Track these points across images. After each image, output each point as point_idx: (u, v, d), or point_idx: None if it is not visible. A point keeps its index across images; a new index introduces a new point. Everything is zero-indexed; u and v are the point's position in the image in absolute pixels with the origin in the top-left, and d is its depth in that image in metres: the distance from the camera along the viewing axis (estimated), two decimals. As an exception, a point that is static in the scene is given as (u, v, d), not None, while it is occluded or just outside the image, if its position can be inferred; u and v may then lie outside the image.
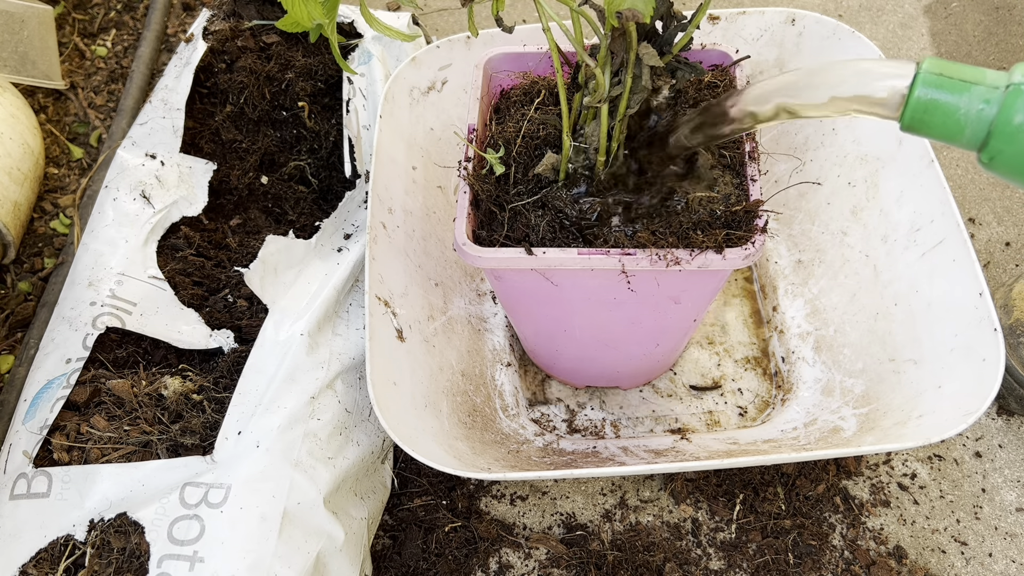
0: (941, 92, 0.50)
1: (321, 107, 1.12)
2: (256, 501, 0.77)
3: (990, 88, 0.49)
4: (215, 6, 1.17)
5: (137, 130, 1.09)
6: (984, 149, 0.49)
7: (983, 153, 0.50)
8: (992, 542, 0.92)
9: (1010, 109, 0.47)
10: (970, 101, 0.49)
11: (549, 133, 0.78)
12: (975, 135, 0.49)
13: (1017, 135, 0.47)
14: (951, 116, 0.50)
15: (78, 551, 0.77)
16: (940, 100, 0.50)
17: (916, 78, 0.50)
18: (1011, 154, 0.48)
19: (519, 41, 0.96)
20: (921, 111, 0.51)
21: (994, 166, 0.50)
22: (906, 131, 0.52)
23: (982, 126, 0.49)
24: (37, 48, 1.28)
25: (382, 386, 0.82)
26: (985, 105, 0.48)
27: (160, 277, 0.96)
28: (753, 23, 1.04)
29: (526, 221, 0.75)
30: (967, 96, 0.49)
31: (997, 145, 0.48)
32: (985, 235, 1.14)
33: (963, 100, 0.49)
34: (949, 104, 0.50)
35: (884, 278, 0.95)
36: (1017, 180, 0.50)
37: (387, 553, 0.93)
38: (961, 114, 0.49)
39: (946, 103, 0.50)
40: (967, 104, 0.49)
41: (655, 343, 0.93)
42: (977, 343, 0.79)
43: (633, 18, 0.60)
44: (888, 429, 0.83)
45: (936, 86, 0.50)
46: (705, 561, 0.92)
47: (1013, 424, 0.99)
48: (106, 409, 0.85)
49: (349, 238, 1.01)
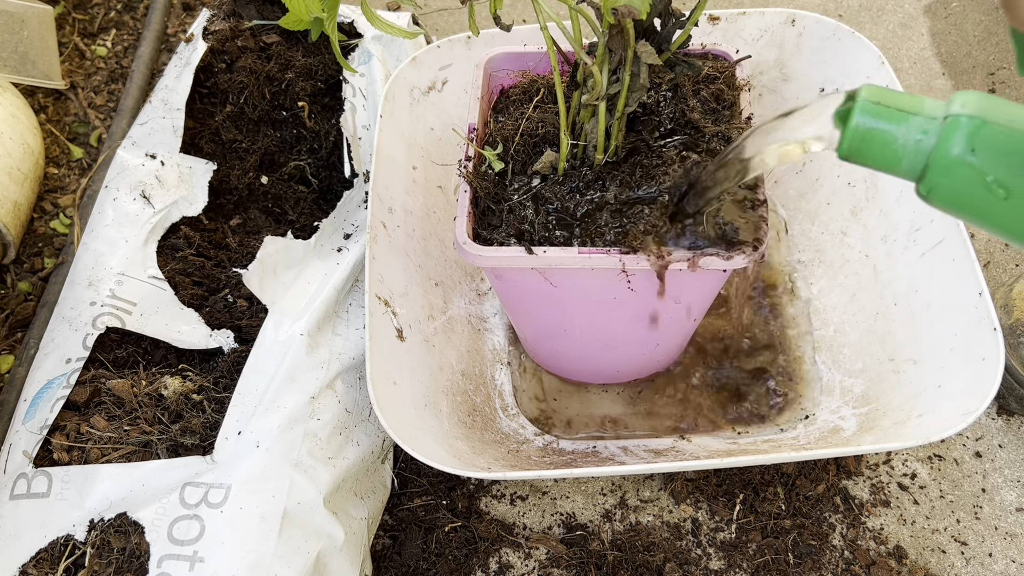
0: (879, 121, 0.48)
1: (321, 107, 1.12)
2: (256, 501, 0.77)
3: (928, 119, 0.47)
4: (215, 6, 1.17)
5: (137, 130, 1.09)
6: (922, 181, 0.47)
7: (921, 185, 0.48)
8: (992, 542, 0.92)
9: (947, 141, 0.45)
10: (908, 131, 0.47)
11: (548, 131, 0.79)
12: (912, 166, 0.47)
13: (953, 168, 0.45)
14: (889, 146, 0.48)
15: (78, 551, 0.77)
16: (878, 129, 0.48)
17: (854, 107, 0.49)
18: (948, 187, 0.46)
19: (519, 41, 0.96)
20: (859, 140, 0.49)
21: (931, 199, 0.48)
22: (844, 160, 0.51)
23: (920, 157, 0.47)
24: (37, 48, 1.28)
25: (382, 386, 0.83)
26: (923, 136, 0.47)
27: (160, 277, 0.96)
28: (753, 23, 1.04)
29: (524, 219, 0.75)
30: (905, 126, 0.47)
31: (934, 178, 0.46)
32: (985, 235, 1.14)
33: (901, 130, 0.47)
34: (887, 134, 0.48)
35: (884, 278, 0.95)
36: (954, 213, 0.48)
37: (387, 553, 0.93)
38: (899, 144, 0.47)
39: (884, 132, 0.48)
40: (905, 134, 0.47)
41: (655, 343, 0.93)
42: (977, 343, 0.79)
43: (629, 15, 0.60)
44: (888, 429, 0.83)
45: (874, 115, 0.48)
46: (705, 561, 0.92)
47: (1013, 424, 0.99)
48: (106, 409, 0.85)
49: (349, 238, 1.01)
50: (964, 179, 0.45)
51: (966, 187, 0.46)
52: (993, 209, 0.45)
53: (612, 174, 0.76)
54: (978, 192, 0.45)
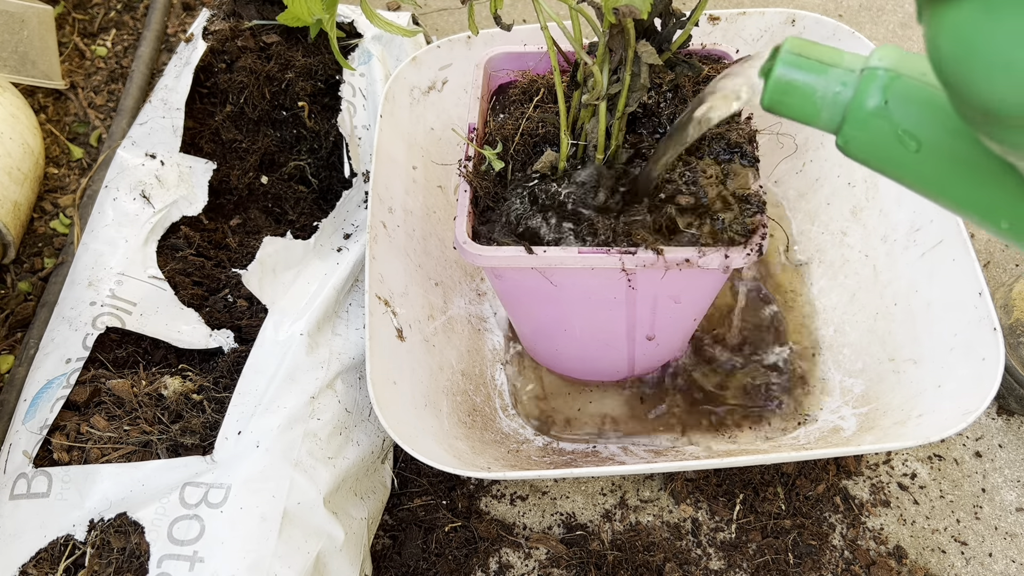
0: (799, 72, 0.49)
1: (321, 107, 1.12)
2: (256, 501, 0.77)
3: (847, 71, 0.47)
4: (215, 6, 1.17)
5: (137, 130, 1.09)
6: (839, 133, 0.48)
7: (838, 137, 0.48)
8: (992, 542, 0.92)
9: (863, 94, 0.46)
10: (827, 83, 0.48)
11: (548, 131, 0.79)
12: (831, 118, 0.48)
13: (869, 121, 0.46)
14: (807, 98, 0.49)
15: (78, 551, 0.77)
16: (797, 81, 0.49)
17: (776, 58, 0.50)
18: (863, 140, 0.47)
19: (519, 41, 0.96)
20: (780, 92, 0.50)
21: (848, 151, 0.48)
22: (768, 110, 0.52)
23: (837, 110, 0.48)
24: (37, 48, 1.28)
25: (382, 385, 0.83)
26: (841, 88, 0.47)
27: (160, 277, 0.96)
28: (753, 24, 1.04)
29: (524, 219, 0.75)
30: (824, 78, 0.48)
31: (850, 131, 0.47)
32: (985, 235, 1.14)
33: (820, 82, 0.48)
34: (806, 85, 0.48)
35: (884, 278, 0.95)
36: (869, 165, 0.49)
37: (387, 553, 0.93)
38: (818, 96, 0.48)
39: (803, 84, 0.49)
40: (824, 86, 0.48)
41: (656, 343, 0.93)
42: (977, 342, 0.79)
43: (630, 14, 0.60)
44: (888, 428, 0.83)
45: (795, 66, 0.49)
46: (705, 561, 0.92)
47: (1013, 424, 0.99)
48: (106, 409, 0.85)
49: (348, 238, 1.01)
50: (878, 131, 0.46)
51: (880, 139, 0.46)
52: (905, 161, 0.46)
53: (612, 173, 0.76)
54: (891, 144, 0.46)
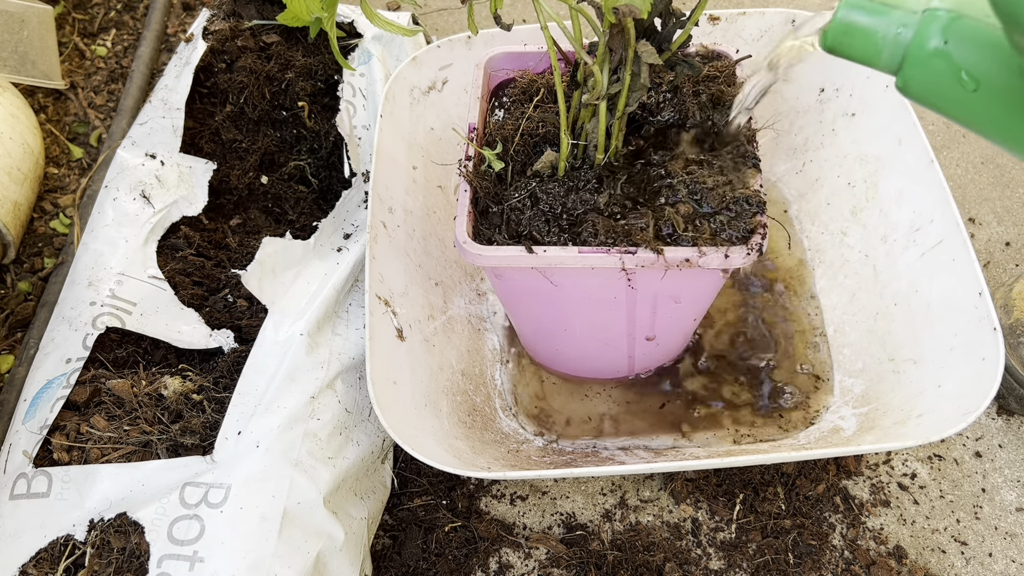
0: (861, 14, 0.50)
1: (321, 107, 1.12)
2: (256, 501, 0.77)
3: (908, 12, 0.48)
4: (215, 6, 1.17)
5: (137, 130, 1.09)
6: (899, 73, 0.49)
7: (898, 77, 0.49)
8: (992, 542, 0.92)
9: (924, 34, 0.47)
10: (888, 24, 0.49)
11: (548, 131, 0.79)
12: (891, 59, 0.49)
13: (929, 61, 0.47)
14: (869, 39, 0.50)
15: (78, 551, 0.77)
16: (859, 22, 0.50)
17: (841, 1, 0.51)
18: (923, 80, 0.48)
19: (519, 40, 0.96)
20: (842, 33, 0.51)
21: (907, 91, 0.49)
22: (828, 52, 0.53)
23: (898, 50, 0.49)
24: (37, 48, 1.28)
25: (382, 385, 0.83)
26: (902, 29, 0.48)
27: (160, 277, 0.96)
28: (753, 24, 1.04)
29: (524, 218, 0.75)
30: (886, 19, 0.49)
31: (910, 70, 0.48)
32: (985, 235, 1.14)
33: (881, 23, 0.49)
34: (868, 26, 0.50)
35: (884, 278, 0.95)
36: (928, 105, 0.49)
37: (387, 553, 0.93)
38: (879, 37, 0.49)
39: (865, 25, 0.50)
40: (885, 27, 0.49)
41: (655, 343, 0.93)
42: (977, 342, 0.79)
43: (630, 14, 0.60)
44: (888, 428, 0.83)
45: (857, 7, 0.50)
46: (705, 561, 0.92)
47: (1013, 424, 0.99)
48: (106, 409, 0.85)
49: (348, 238, 1.01)
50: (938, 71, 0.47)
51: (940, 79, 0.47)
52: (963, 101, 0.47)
53: (612, 174, 0.76)
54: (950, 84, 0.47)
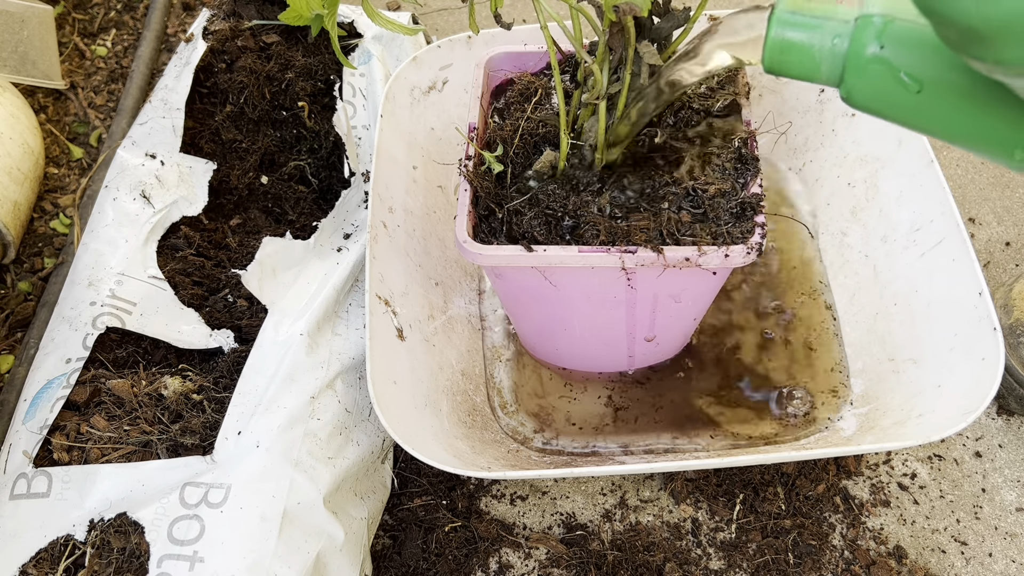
0: (794, 30, 0.49)
1: (321, 107, 1.12)
2: (256, 501, 0.77)
3: (841, 22, 0.48)
4: (215, 6, 1.17)
5: (137, 130, 1.09)
6: (841, 84, 0.48)
7: (841, 88, 0.49)
8: (992, 542, 0.92)
9: (860, 41, 0.46)
10: (823, 37, 0.48)
11: (548, 131, 0.79)
12: (831, 71, 0.48)
13: (868, 68, 0.46)
14: (806, 54, 0.49)
15: (78, 551, 0.77)
16: (793, 39, 0.49)
17: (771, 18, 0.50)
18: (865, 87, 0.47)
19: (520, 40, 0.96)
20: (778, 51, 0.50)
21: (852, 101, 0.48)
22: (769, 72, 0.52)
23: (836, 61, 0.48)
24: (37, 48, 1.28)
25: (382, 385, 0.83)
26: (837, 39, 0.47)
27: (160, 277, 0.96)
28: (753, 23, 1.04)
29: (524, 218, 0.75)
30: (819, 32, 0.48)
31: (852, 80, 0.47)
32: (985, 235, 1.14)
33: (816, 36, 0.48)
34: (803, 42, 0.49)
35: (884, 278, 0.95)
36: (875, 112, 0.49)
37: (387, 553, 0.93)
38: (815, 51, 0.48)
39: (800, 41, 0.49)
40: (820, 40, 0.48)
41: (656, 343, 0.93)
42: (976, 342, 0.79)
43: (631, 12, 0.60)
44: (888, 428, 0.83)
45: (790, 24, 0.49)
46: (705, 561, 0.92)
47: (1013, 424, 0.99)
48: (106, 409, 0.85)
49: (348, 238, 1.01)
50: (879, 76, 0.46)
51: (882, 84, 0.46)
52: (910, 103, 0.46)
53: (612, 173, 0.76)
54: (893, 88, 0.46)
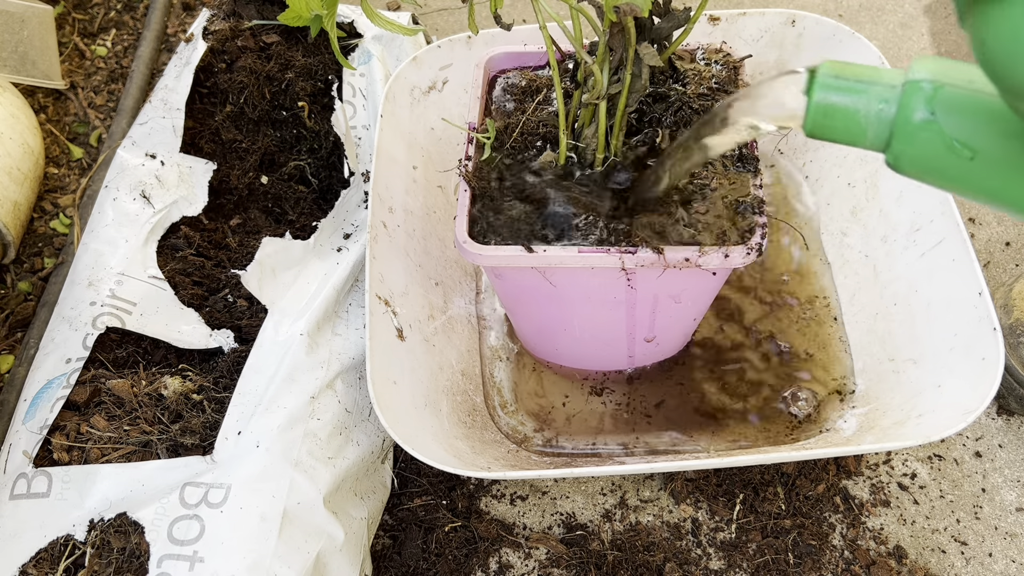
0: (839, 95, 0.48)
1: (321, 107, 1.12)
2: (256, 501, 0.77)
3: (887, 87, 0.47)
4: (215, 6, 1.17)
5: (137, 130, 1.09)
6: (888, 150, 0.48)
7: (888, 154, 0.48)
8: (992, 542, 0.92)
9: (908, 108, 0.46)
10: (868, 102, 0.47)
11: (548, 131, 0.79)
12: (877, 137, 0.48)
13: (917, 134, 0.46)
14: (851, 119, 0.48)
15: (78, 551, 0.77)
16: (839, 104, 0.48)
17: (813, 83, 0.49)
18: (913, 153, 0.47)
19: (519, 40, 0.96)
20: (821, 116, 0.49)
21: (900, 167, 0.48)
22: (811, 136, 0.51)
23: (883, 127, 0.47)
24: (37, 48, 1.28)
25: (382, 385, 0.83)
26: (884, 105, 0.47)
27: (160, 277, 0.96)
28: (753, 24, 1.04)
29: (525, 218, 0.75)
30: (865, 97, 0.47)
31: (899, 146, 0.47)
32: (985, 235, 1.14)
33: (861, 101, 0.48)
34: (847, 107, 0.48)
35: (883, 278, 0.95)
36: (923, 179, 0.48)
37: (387, 553, 0.93)
38: (861, 116, 0.48)
39: (844, 106, 0.48)
40: (865, 105, 0.47)
41: (656, 343, 0.93)
42: (976, 342, 0.79)
43: (631, 12, 0.60)
44: (888, 428, 0.83)
45: (833, 88, 0.48)
46: (705, 561, 0.92)
47: (1013, 424, 0.99)
48: (106, 409, 0.85)
49: (348, 238, 1.01)
50: (929, 143, 0.45)
51: (931, 151, 0.46)
52: (961, 171, 0.45)
53: (612, 173, 0.76)
54: (944, 155, 0.45)
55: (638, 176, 0.75)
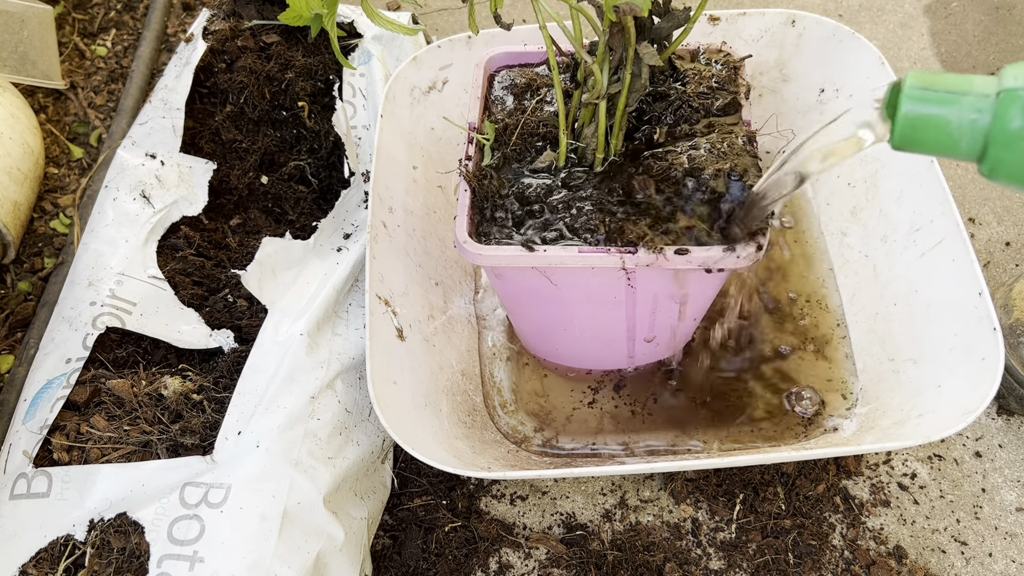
0: (929, 106, 0.48)
1: (321, 107, 1.12)
2: (256, 501, 0.77)
3: (980, 96, 0.47)
4: (215, 6, 1.17)
5: (137, 130, 1.09)
6: (983, 160, 0.48)
7: (983, 164, 0.48)
8: (992, 542, 0.92)
9: (1004, 117, 0.46)
10: (961, 112, 0.47)
11: (548, 131, 0.79)
12: (972, 146, 0.48)
13: (1015, 143, 0.46)
14: (943, 130, 0.48)
15: (78, 551, 0.77)
16: (929, 115, 0.48)
17: (900, 95, 0.49)
18: (1012, 162, 0.47)
19: (519, 40, 0.96)
20: (911, 128, 0.49)
21: (996, 175, 0.48)
22: (898, 149, 0.51)
23: (978, 137, 0.47)
24: (37, 48, 1.28)
25: (382, 385, 0.83)
26: (977, 115, 0.47)
27: (160, 277, 0.96)
28: (753, 24, 1.04)
29: (525, 218, 0.75)
30: (957, 108, 0.47)
31: (996, 154, 0.47)
32: (985, 235, 1.14)
33: (953, 112, 0.47)
34: (938, 118, 0.48)
35: (883, 278, 0.95)
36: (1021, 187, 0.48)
37: (387, 553, 0.93)
38: (953, 127, 0.48)
39: (936, 117, 0.48)
40: (958, 116, 0.47)
41: (656, 343, 0.93)
42: (976, 342, 0.79)
43: (631, 12, 0.60)
44: (888, 428, 0.83)
45: (922, 100, 0.48)
46: (705, 561, 0.92)
47: (1013, 424, 0.99)
48: (106, 409, 0.85)
49: (348, 237, 1.01)
50: None
51: None
52: None
53: (612, 174, 0.76)
54: None
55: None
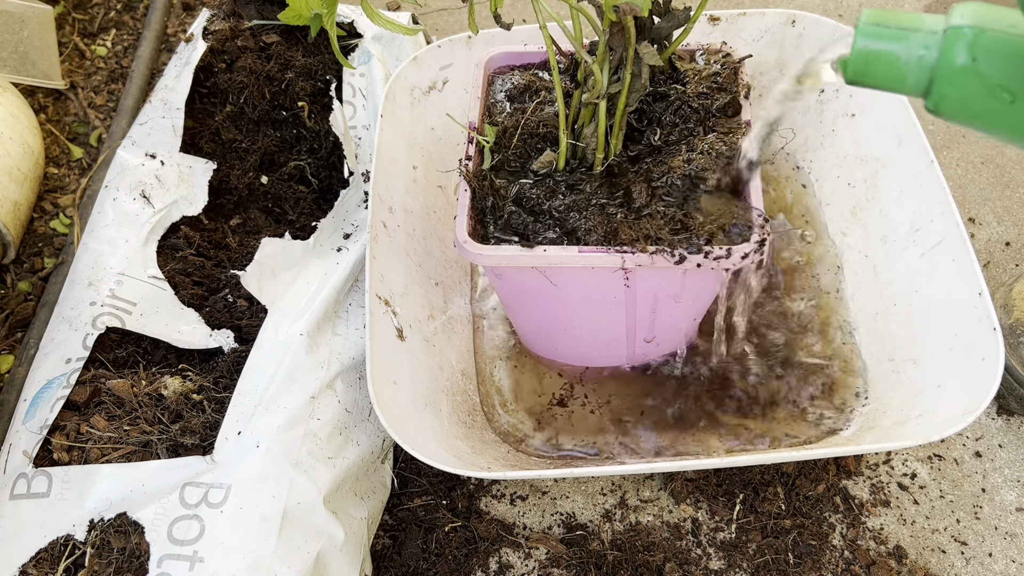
0: (880, 41, 0.50)
1: (321, 107, 1.12)
2: (256, 501, 0.77)
3: (929, 33, 0.48)
4: (215, 6, 1.17)
5: (137, 130, 1.09)
6: (929, 95, 0.49)
7: (928, 100, 0.49)
8: (992, 542, 0.92)
9: (950, 53, 0.47)
10: (909, 48, 0.49)
11: (548, 131, 0.79)
12: (918, 82, 0.49)
13: (959, 78, 0.47)
14: (892, 65, 0.50)
15: (78, 551, 0.77)
16: (879, 50, 0.50)
17: (856, 30, 0.51)
18: (955, 97, 0.48)
19: (519, 40, 0.96)
20: (863, 63, 0.51)
21: (940, 111, 0.49)
22: (852, 84, 0.52)
23: (924, 72, 0.49)
24: (37, 48, 1.28)
25: (382, 385, 0.83)
26: (925, 51, 0.48)
27: (160, 277, 0.96)
28: (754, 24, 1.04)
29: (525, 218, 0.75)
30: (906, 43, 0.49)
31: (941, 89, 0.48)
32: (985, 235, 1.14)
33: (902, 48, 0.49)
34: (889, 53, 0.50)
35: (883, 278, 0.95)
36: (964, 122, 0.50)
37: (387, 553, 0.93)
38: (902, 62, 0.49)
39: (886, 52, 0.50)
40: (907, 51, 0.49)
41: (655, 343, 0.93)
42: (976, 342, 0.79)
43: (631, 12, 0.60)
44: (888, 428, 0.83)
45: (875, 36, 0.50)
46: (705, 561, 0.92)
47: (1013, 424, 0.99)
48: (106, 409, 0.85)
49: (348, 237, 1.01)
50: (970, 87, 0.47)
51: (972, 95, 0.47)
52: (1001, 114, 0.47)
53: (611, 174, 0.76)
54: (984, 99, 0.47)
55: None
